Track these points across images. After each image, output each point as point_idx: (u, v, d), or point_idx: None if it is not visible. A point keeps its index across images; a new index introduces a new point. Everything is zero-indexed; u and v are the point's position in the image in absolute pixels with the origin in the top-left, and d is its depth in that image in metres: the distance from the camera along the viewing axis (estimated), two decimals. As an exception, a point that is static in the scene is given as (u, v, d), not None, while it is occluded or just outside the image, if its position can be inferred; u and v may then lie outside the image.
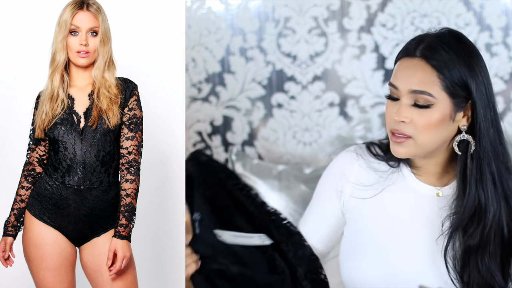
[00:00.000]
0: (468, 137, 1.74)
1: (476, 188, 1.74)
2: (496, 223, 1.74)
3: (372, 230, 1.83)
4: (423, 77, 1.71)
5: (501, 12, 3.14)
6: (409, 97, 1.72)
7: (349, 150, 1.93)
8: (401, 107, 1.72)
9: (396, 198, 1.84)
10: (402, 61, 1.76)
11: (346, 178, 1.89)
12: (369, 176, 1.87)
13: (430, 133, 1.72)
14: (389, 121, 1.76)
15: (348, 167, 1.89)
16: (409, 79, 1.71)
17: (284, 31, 3.13)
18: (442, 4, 3.11)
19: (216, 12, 3.12)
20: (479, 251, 1.74)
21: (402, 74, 1.73)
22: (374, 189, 1.85)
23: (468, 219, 1.74)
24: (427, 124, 1.71)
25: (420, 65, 1.72)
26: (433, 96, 1.70)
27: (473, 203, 1.74)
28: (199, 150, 1.77)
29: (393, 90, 1.75)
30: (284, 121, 3.17)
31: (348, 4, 3.13)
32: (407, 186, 1.84)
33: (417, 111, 1.71)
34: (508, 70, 3.16)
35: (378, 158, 1.88)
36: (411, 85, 1.71)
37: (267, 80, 3.15)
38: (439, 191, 1.82)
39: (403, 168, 1.86)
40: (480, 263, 1.73)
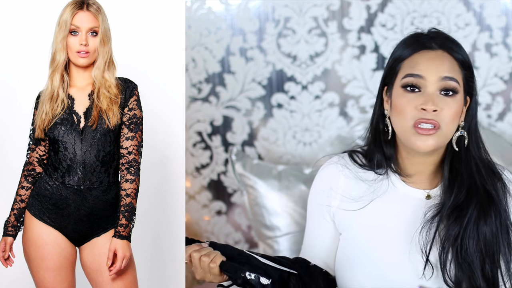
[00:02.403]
0: (464, 133, 1.79)
1: (461, 180, 1.77)
2: (477, 215, 1.74)
3: (365, 240, 1.82)
4: (451, 66, 1.76)
5: (501, 12, 3.14)
6: (436, 86, 1.75)
7: (332, 162, 1.91)
8: (431, 95, 1.74)
9: (387, 206, 1.82)
10: (421, 54, 1.78)
11: (333, 191, 1.87)
12: (356, 186, 1.86)
13: (453, 123, 1.76)
14: (412, 113, 1.74)
15: (334, 180, 1.88)
16: (437, 67, 1.75)
17: (284, 31, 3.13)
18: (442, 4, 3.11)
19: (216, 12, 3.12)
20: (459, 243, 1.73)
21: (428, 63, 1.76)
22: (364, 201, 1.84)
23: (450, 209, 1.75)
24: (454, 113, 1.74)
25: (444, 55, 1.77)
26: (459, 83, 1.75)
27: (457, 195, 1.76)
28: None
29: (416, 80, 1.75)
30: (284, 121, 3.17)
31: (348, 4, 3.13)
32: (398, 193, 1.83)
33: (444, 100, 1.74)
34: (508, 70, 3.16)
35: (364, 168, 1.86)
36: (442, 73, 1.75)
37: (267, 80, 3.15)
38: (429, 193, 1.82)
39: (392, 175, 1.84)
40: (460, 257, 1.73)
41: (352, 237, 1.84)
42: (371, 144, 1.87)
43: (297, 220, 2.94)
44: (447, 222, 1.75)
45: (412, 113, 1.73)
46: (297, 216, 2.95)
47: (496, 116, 3.13)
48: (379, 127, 1.85)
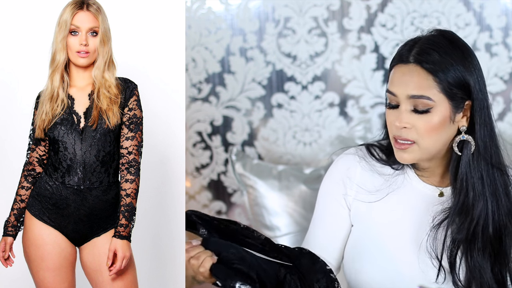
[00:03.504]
0: (468, 137, 1.75)
1: (467, 185, 1.75)
2: (484, 219, 1.74)
3: (379, 233, 1.83)
4: (419, 82, 1.71)
5: (501, 12, 3.14)
6: (408, 103, 1.72)
7: (349, 153, 1.91)
8: (401, 113, 1.73)
9: (402, 201, 1.83)
10: (397, 68, 1.76)
11: (350, 181, 1.87)
12: (373, 179, 1.86)
13: (432, 137, 1.72)
14: (391, 129, 1.76)
15: (351, 170, 1.88)
16: (406, 85, 1.72)
17: (284, 31, 3.13)
18: (442, 4, 3.12)
19: (216, 12, 3.12)
20: (467, 246, 1.74)
21: (399, 80, 1.74)
22: (380, 194, 1.85)
23: (456, 214, 1.75)
24: (429, 128, 1.71)
25: (415, 70, 1.72)
26: (431, 99, 1.71)
27: (463, 199, 1.75)
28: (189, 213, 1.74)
29: (392, 97, 1.75)
30: (284, 121, 3.17)
31: (348, 4, 3.13)
32: (413, 188, 1.84)
33: (418, 116, 1.72)
34: (508, 70, 3.16)
35: (381, 162, 1.87)
36: (409, 91, 1.71)
37: (267, 80, 3.15)
38: (442, 191, 1.83)
39: (408, 170, 1.86)
40: (469, 259, 1.74)
41: (365, 230, 1.85)
42: (388, 142, 1.86)
43: (297, 220, 2.94)
44: (456, 225, 1.76)
45: (392, 128, 1.76)
46: (297, 216, 2.95)
47: (496, 116, 3.13)
48: None
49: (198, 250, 1.63)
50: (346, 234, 1.90)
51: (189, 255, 1.63)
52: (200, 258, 1.61)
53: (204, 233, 1.73)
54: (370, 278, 1.81)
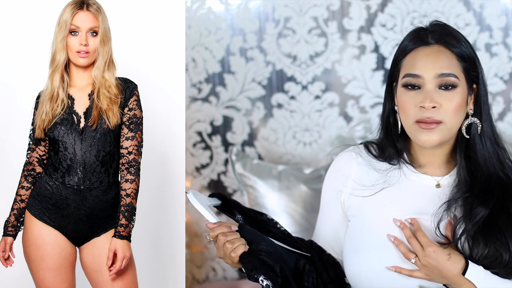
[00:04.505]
0: (475, 120, 1.81)
1: (486, 165, 1.81)
2: (502, 192, 1.79)
3: (375, 226, 1.85)
4: (447, 61, 1.78)
5: (501, 12, 3.14)
6: (434, 82, 1.77)
7: (347, 150, 1.97)
8: (429, 93, 1.77)
9: (398, 194, 1.86)
10: (418, 51, 1.81)
11: (345, 177, 1.91)
12: (369, 174, 1.89)
13: (457, 116, 1.78)
14: (413, 111, 1.78)
15: (347, 166, 1.92)
16: (434, 64, 1.77)
17: (284, 31, 3.13)
18: (442, 4, 3.12)
19: (216, 12, 3.12)
20: (486, 224, 1.77)
21: (424, 61, 1.79)
22: (375, 188, 1.88)
23: (475, 196, 1.79)
24: (456, 106, 1.77)
25: (440, 50, 1.79)
26: (457, 77, 1.77)
27: (483, 181, 1.80)
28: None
29: (414, 79, 1.78)
30: (284, 121, 3.17)
31: (348, 4, 3.13)
32: (409, 183, 1.87)
33: (444, 95, 1.76)
34: (508, 70, 3.16)
35: (377, 159, 1.90)
36: (438, 70, 1.77)
37: (267, 80, 3.15)
38: (439, 181, 1.85)
39: (404, 166, 1.88)
40: (488, 238, 1.76)
41: (361, 223, 1.88)
42: (383, 138, 1.91)
43: (297, 220, 2.94)
44: (471, 209, 1.78)
45: (413, 110, 1.78)
46: (297, 216, 2.95)
47: (496, 116, 3.13)
48: (390, 121, 1.89)
49: (235, 236, 1.76)
50: (341, 229, 1.95)
51: (225, 239, 1.75)
52: (235, 243, 1.74)
53: (240, 219, 1.92)
54: (369, 268, 1.83)
